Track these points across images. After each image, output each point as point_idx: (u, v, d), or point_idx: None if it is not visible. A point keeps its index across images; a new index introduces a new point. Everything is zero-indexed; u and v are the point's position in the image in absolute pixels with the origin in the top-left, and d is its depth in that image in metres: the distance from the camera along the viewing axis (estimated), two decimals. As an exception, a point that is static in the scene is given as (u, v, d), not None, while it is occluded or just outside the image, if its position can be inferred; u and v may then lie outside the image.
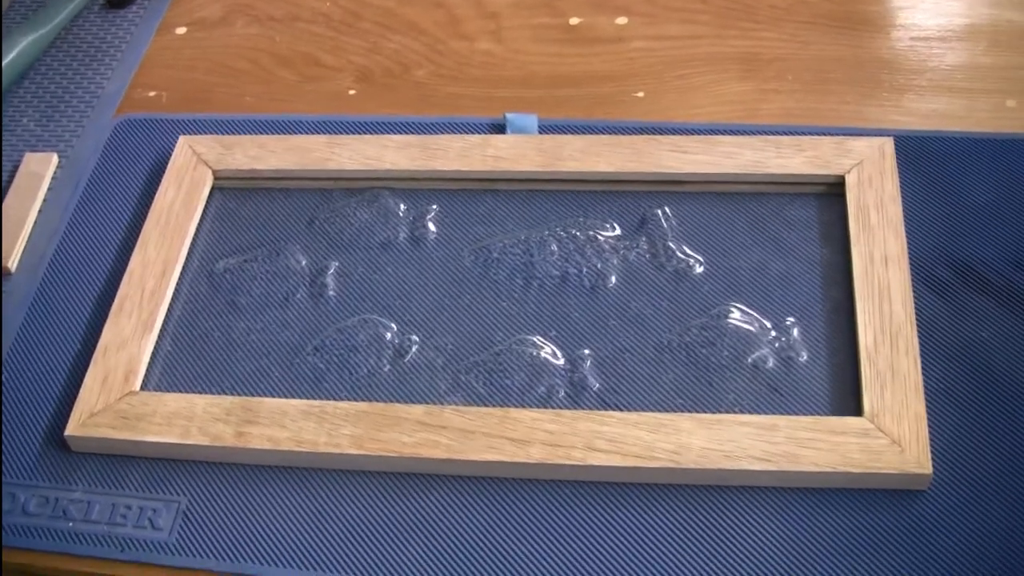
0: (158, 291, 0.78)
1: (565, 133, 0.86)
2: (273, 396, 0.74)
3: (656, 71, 0.90)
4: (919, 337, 0.71)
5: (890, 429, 0.67)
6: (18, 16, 1.00)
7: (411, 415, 0.71)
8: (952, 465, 0.67)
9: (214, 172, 0.85)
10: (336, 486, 0.70)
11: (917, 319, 0.72)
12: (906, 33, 0.91)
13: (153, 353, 0.77)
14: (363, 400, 0.73)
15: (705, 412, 0.71)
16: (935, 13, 0.92)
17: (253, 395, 0.75)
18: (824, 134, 0.83)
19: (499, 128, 0.87)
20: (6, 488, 0.72)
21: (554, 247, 0.79)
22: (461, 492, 0.69)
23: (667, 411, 0.71)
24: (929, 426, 0.68)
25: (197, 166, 0.85)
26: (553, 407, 0.72)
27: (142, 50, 0.98)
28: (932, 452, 0.67)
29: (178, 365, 0.77)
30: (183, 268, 0.81)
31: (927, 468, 0.66)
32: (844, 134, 0.83)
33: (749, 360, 0.73)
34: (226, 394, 0.75)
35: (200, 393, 0.75)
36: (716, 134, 0.84)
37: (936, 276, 0.75)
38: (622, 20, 0.94)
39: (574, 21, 0.95)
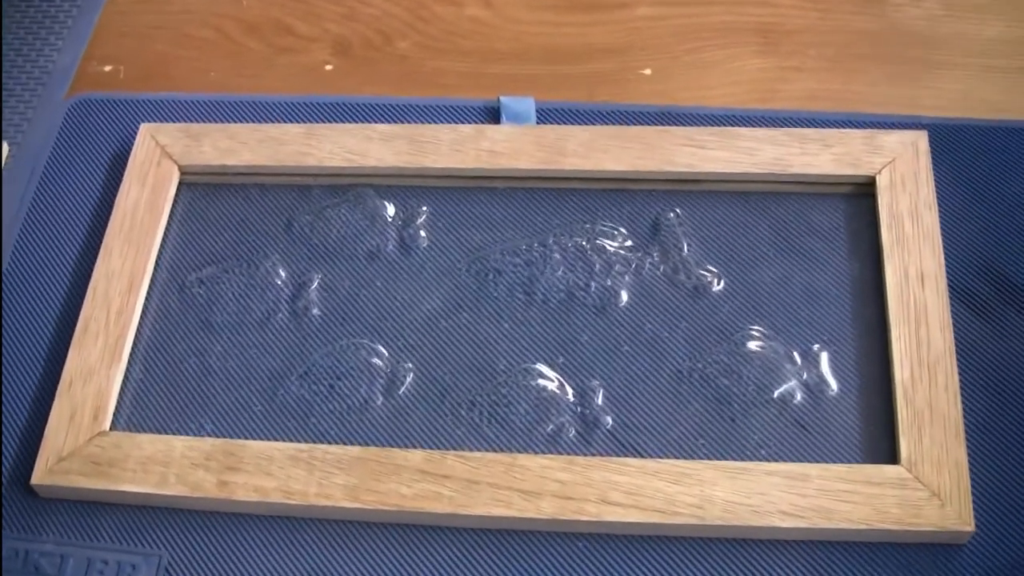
0: (125, 310, 0.71)
1: (565, 118, 0.78)
2: (256, 432, 0.68)
3: (664, 44, 0.82)
4: (957, 360, 0.66)
5: (929, 479, 0.62)
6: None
7: (410, 462, 0.65)
8: (994, 514, 0.63)
9: (180, 168, 0.76)
10: (330, 538, 0.65)
11: (954, 340, 0.67)
12: (938, 1, 0.83)
13: (123, 384, 0.70)
14: (355, 438, 0.68)
15: (728, 452, 0.65)
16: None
17: (234, 431, 0.68)
18: (850, 122, 0.76)
19: (493, 112, 0.79)
20: (-31, 542, 0.67)
21: (558, 259, 0.72)
22: (466, 546, 0.64)
23: (687, 452, 0.66)
24: (970, 471, 0.63)
25: (161, 161, 0.76)
26: (564, 448, 0.66)
27: (95, 15, 0.88)
28: (973, 500, 0.62)
29: (151, 398, 0.70)
30: (151, 281, 0.73)
31: (969, 524, 0.61)
32: (872, 123, 0.76)
33: (775, 394, 0.67)
34: (205, 432, 0.68)
35: (177, 432, 0.68)
36: (732, 121, 0.77)
37: (973, 291, 0.70)
38: (627, -18, 0.86)
39: (574, -18, 0.86)
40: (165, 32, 0.87)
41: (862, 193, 0.73)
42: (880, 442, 0.65)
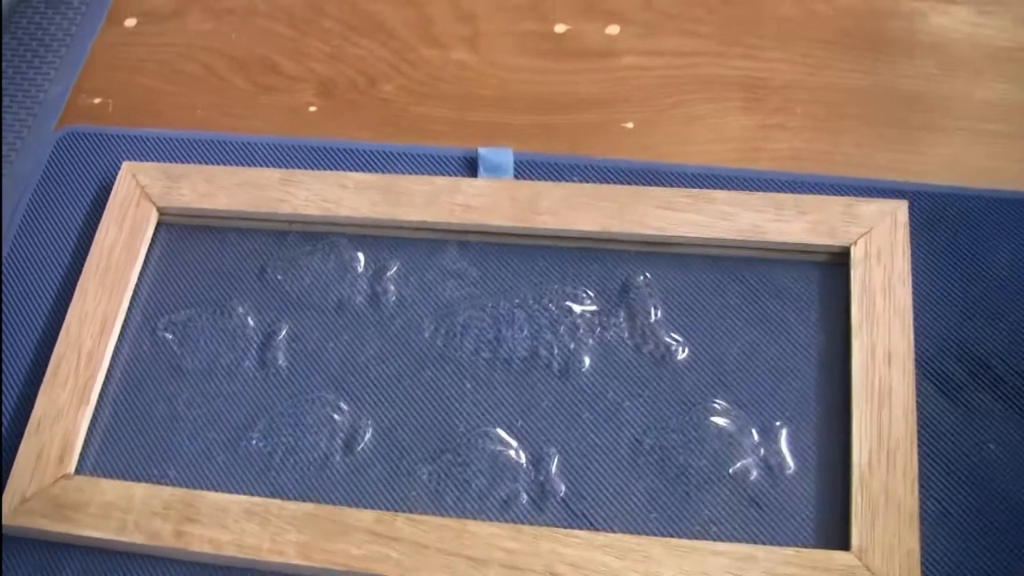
0: (96, 353, 0.72)
1: (544, 171, 0.77)
2: (217, 482, 0.69)
3: (649, 96, 0.81)
4: (919, 441, 0.65)
5: (879, 568, 0.61)
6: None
7: (361, 522, 0.65)
8: (944, 607, 0.62)
9: (159, 209, 0.77)
10: (282, 593, 0.66)
11: (919, 421, 0.66)
12: (933, 60, 0.81)
13: (91, 427, 0.71)
14: (313, 493, 0.68)
15: (680, 527, 0.65)
16: (968, 38, 0.82)
17: (196, 480, 0.69)
18: (832, 186, 0.75)
19: (471, 163, 0.78)
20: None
21: (523, 321, 0.72)
22: (413, 610, 0.65)
23: (639, 524, 0.65)
24: (923, 560, 0.62)
25: (140, 202, 0.77)
26: (516, 514, 0.66)
27: (88, 44, 0.88)
28: (923, 591, 0.62)
29: (118, 442, 0.71)
30: (124, 324, 0.74)
31: (916, 617, 0.61)
32: (854, 188, 0.74)
33: (731, 470, 0.66)
34: (168, 479, 0.69)
35: (140, 477, 0.69)
36: (712, 181, 0.76)
37: (944, 371, 0.68)
38: (613, 29, 0.84)
39: (560, 29, 0.84)
40: (154, 66, 0.87)
41: (837, 263, 0.72)
42: (832, 526, 0.64)
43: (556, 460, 0.68)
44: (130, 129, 0.83)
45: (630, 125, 0.80)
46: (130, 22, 0.90)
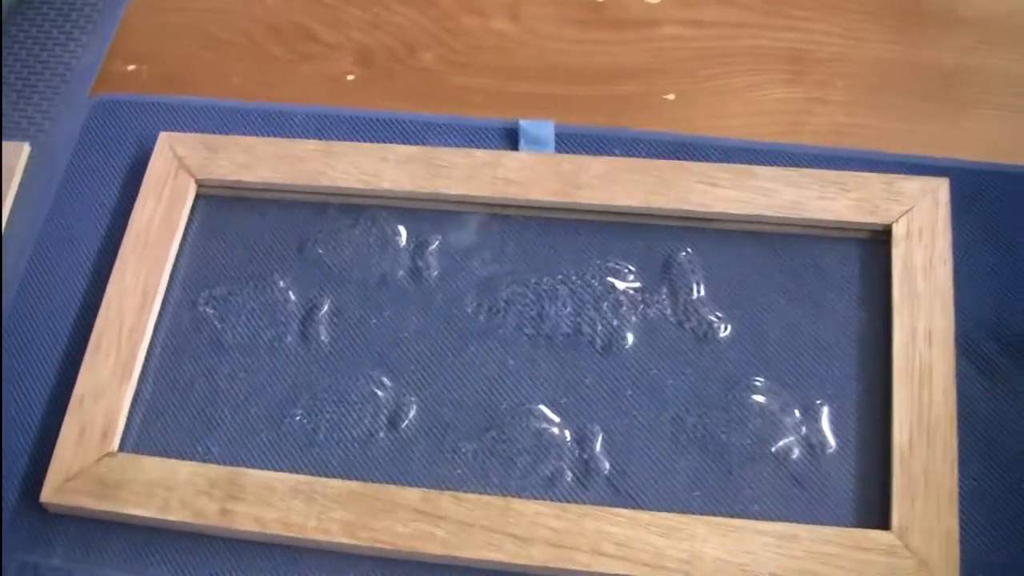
0: (137, 328, 0.72)
1: (584, 144, 0.77)
2: (261, 459, 0.70)
3: (690, 67, 0.80)
4: (957, 421, 0.66)
5: (918, 548, 0.62)
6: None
7: (406, 500, 0.66)
8: (982, 584, 0.63)
9: (197, 181, 0.77)
10: (327, 568, 0.66)
11: (956, 401, 0.66)
12: (975, 32, 0.80)
13: (133, 403, 0.71)
14: (357, 470, 0.69)
15: (722, 505, 0.66)
16: (1009, 10, 0.81)
17: (240, 457, 0.70)
18: (872, 161, 0.75)
19: (511, 134, 0.78)
20: (-18, 551, 0.69)
21: (567, 297, 0.72)
22: (459, 586, 0.66)
23: (682, 502, 0.66)
24: (960, 540, 0.63)
25: (179, 173, 0.77)
26: (560, 492, 0.67)
27: (120, 9, 0.87)
28: (962, 570, 0.62)
29: (160, 418, 0.71)
30: (164, 299, 0.74)
31: (955, 597, 0.62)
32: (895, 164, 0.74)
33: (773, 449, 0.67)
34: (211, 456, 0.70)
35: (183, 454, 0.70)
36: (752, 156, 0.76)
37: (982, 350, 0.69)
38: (655, -2, 0.84)
39: (602, -4, 0.84)
40: (189, 32, 0.87)
41: (878, 240, 0.72)
42: (873, 505, 0.65)
43: (600, 438, 0.69)
44: (165, 97, 0.83)
45: (671, 97, 0.79)
46: (163, -14, 0.89)
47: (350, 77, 0.83)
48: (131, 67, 0.85)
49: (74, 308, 0.75)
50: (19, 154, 0.80)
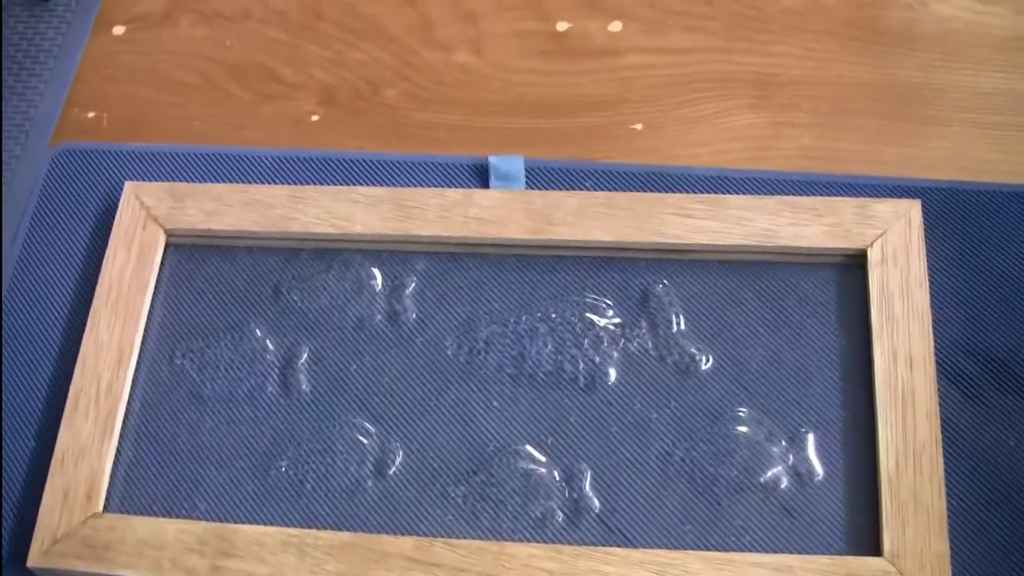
0: (115, 384, 0.71)
1: (555, 178, 0.77)
2: (249, 512, 0.69)
3: (656, 95, 0.80)
4: (941, 441, 0.67)
5: (911, 572, 0.63)
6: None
7: (399, 549, 0.66)
8: (975, 607, 0.64)
9: (166, 231, 0.76)
10: (321, 622, 0.66)
11: (940, 423, 0.67)
12: (937, 49, 0.81)
13: (115, 462, 0.70)
14: (346, 520, 0.68)
15: (713, 537, 0.66)
16: (969, 27, 0.82)
17: (227, 511, 0.69)
18: (842, 184, 0.75)
19: (481, 170, 0.78)
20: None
21: (547, 336, 0.72)
22: (455, 633, 0.65)
23: (674, 537, 0.66)
24: (952, 561, 0.64)
25: (147, 224, 0.76)
26: (552, 532, 0.67)
27: (76, 55, 0.85)
28: (953, 592, 0.63)
29: (144, 475, 0.70)
30: (140, 352, 0.73)
31: (949, 620, 0.63)
32: (865, 186, 0.75)
33: (761, 479, 0.68)
34: (198, 511, 0.69)
35: (170, 511, 0.69)
36: (723, 184, 0.76)
37: (961, 369, 0.70)
38: (616, 26, 0.83)
39: (562, 27, 0.84)
40: (147, 76, 0.85)
41: (853, 264, 0.72)
42: (863, 531, 0.66)
43: (589, 476, 0.69)
44: (127, 144, 0.81)
45: (639, 127, 0.79)
46: (119, 30, 0.88)
47: (314, 117, 0.82)
48: (91, 114, 0.84)
49: (49, 364, 0.74)
50: (-19, 208, 0.79)
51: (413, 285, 0.75)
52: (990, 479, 0.67)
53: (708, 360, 0.71)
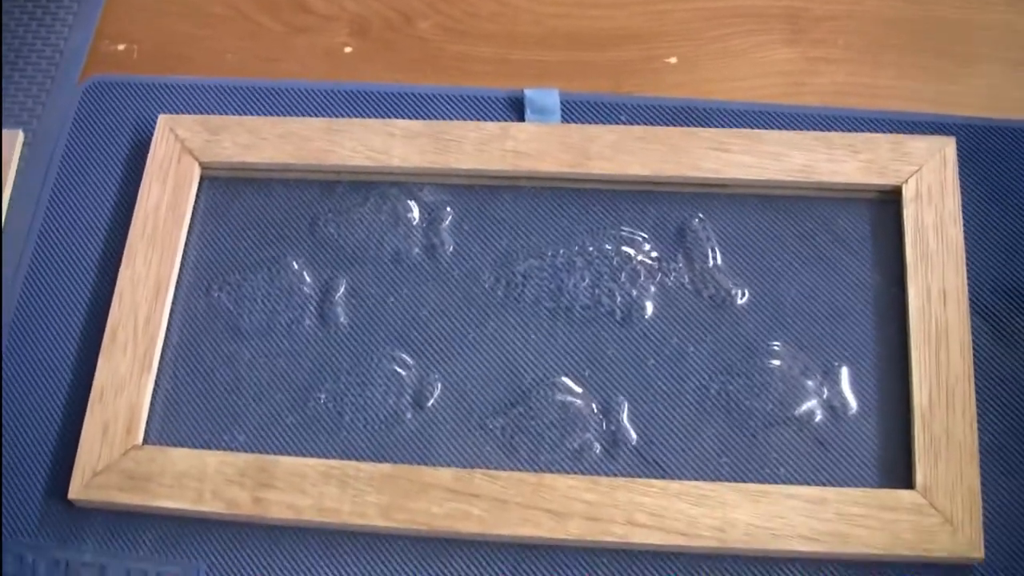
0: (153, 318, 0.72)
1: (589, 112, 0.77)
2: (288, 445, 0.70)
3: (691, 30, 0.80)
4: (974, 378, 0.68)
5: (943, 506, 0.64)
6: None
7: (439, 480, 0.67)
8: (1004, 538, 0.65)
9: (201, 164, 0.76)
10: (363, 551, 0.67)
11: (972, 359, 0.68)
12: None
13: (153, 395, 0.71)
14: (386, 451, 0.69)
15: (749, 470, 0.67)
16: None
17: (266, 444, 0.70)
18: (877, 120, 0.76)
19: (516, 103, 0.78)
20: (13, 550, 0.68)
21: (583, 269, 0.73)
22: (495, 560, 0.66)
23: (710, 469, 0.68)
24: (982, 496, 0.65)
25: (182, 157, 0.76)
26: (587, 464, 0.68)
27: (104, -11, 0.85)
28: (984, 526, 0.64)
29: (182, 409, 0.71)
30: (176, 286, 0.74)
31: (979, 551, 0.64)
32: (899, 122, 0.75)
33: (795, 413, 0.69)
34: (237, 444, 0.70)
35: (209, 444, 0.70)
36: (758, 119, 0.76)
37: (994, 308, 0.70)
38: (650, -42, 0.83)
39: (595, -42, 0.83)
40: (178, 8, 0.85)
41: (888, 200, 0.73)
42: (896, 465, 0.67)
43: (626, 408, 0.69)
44: (159, 77, 0.81)
45: (673, 60, 0.79)
46: (147, -40, 0.87)
47: (347, 49, 0.82)
48: (121, 47, 0.83)
49: (84, 299, 0.74)
50: (14, 143, 0.79)
51: (450, 218, 0.75)
52: (1021, 415, 0.68)
53: (744, 294, 0.72)
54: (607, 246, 0.73)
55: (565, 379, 0.70)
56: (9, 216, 0.77)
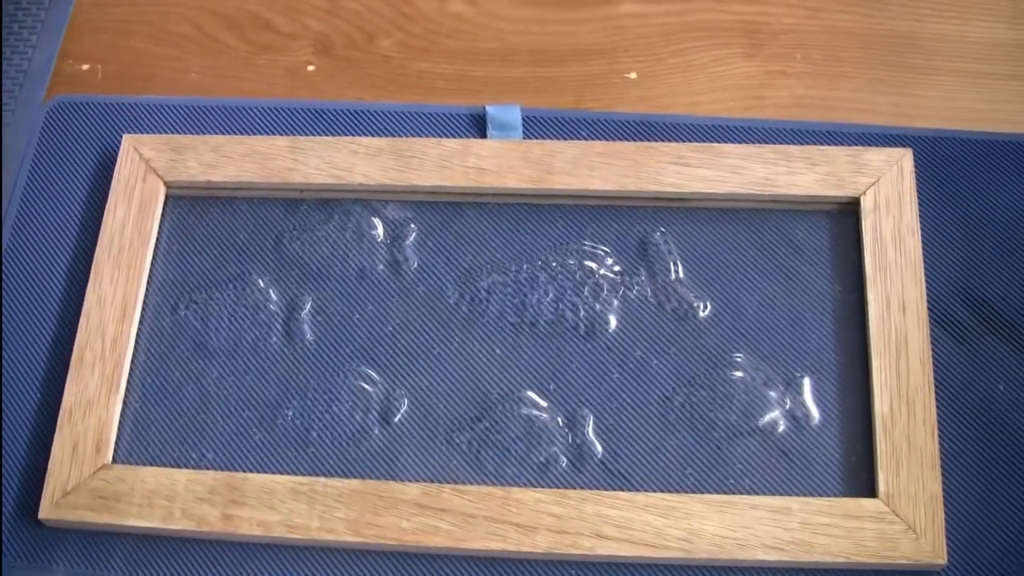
0: (120, 337, 0.72)
1: (552, 128, 0.78)
2: (257, 462, 0.70)
3: (650, 45, 0.81)
4: (934, 386, 0.69)
5: (905, 513, 0.65)
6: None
7: (407, 495, 0.67)
8: (967, 544, 0.66)
9: (166, 183, 0.76)
10: (332, 566, 0.67)
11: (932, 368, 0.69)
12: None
13: (122, 414, 0.71)
14: (354, 467, 0.69)
15: (714, 481, 0.68)
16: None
17: (235, 461, 0.70)
18: (835, 133, 0.77)
19: (479, 120, 0.78)
20: (-21, 571, 0.68)
21: (547, 284, 0.73)
22: (464, 574, 0.67)
23: (675, 481, 0.68)
24: (944, 503, 0.66)
25: (147, 176, 0.76)
26: (556, 477, 0.69)
27: (68, 7, 0.85)
28: (946, 533, 0.65)
29: (151, 427, 0.71)
30: (143, 305, 0.74)
31: (942, 557, 0.64)
32: (858, 135, 0.77)
33: (759, 423, 0.69)
34: (206, 462, 0.70)
35: (178, 462, 0.70)
36: (718, 133, 0.77)
37: (953, 316, 0.71)
38: (609, -25, 0.84)
39: (554, -25, 0.84)
40: (142, 27, 0.85)
41: (846, 212, 0.74)
42: (859, 474, 0.68)
43: (591, 421, 0.70)
44: (124, 96, 0.81)
45: (634, 75, 0.80)
46: (109, -20, 0.87)
47: (311, 67, 0.82)
48: (85, 66, 0.83)
49: (51, 319, 0.74)
50: (-23, 160, 0.79)
51: (414, 235, 0.76)
52: (981, 422, 0.69)
53: (706, 307, 0.73)
54: (570, 261, 0.74)
55: (530, 393, 0.71)
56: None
